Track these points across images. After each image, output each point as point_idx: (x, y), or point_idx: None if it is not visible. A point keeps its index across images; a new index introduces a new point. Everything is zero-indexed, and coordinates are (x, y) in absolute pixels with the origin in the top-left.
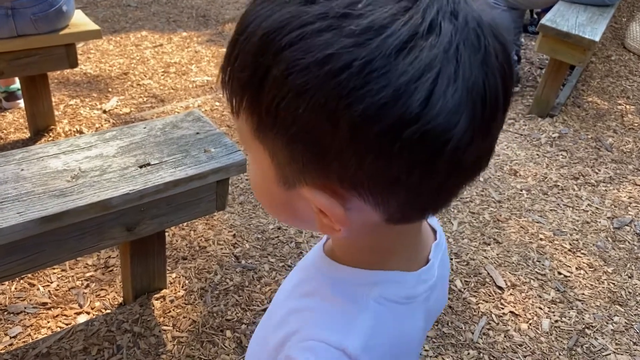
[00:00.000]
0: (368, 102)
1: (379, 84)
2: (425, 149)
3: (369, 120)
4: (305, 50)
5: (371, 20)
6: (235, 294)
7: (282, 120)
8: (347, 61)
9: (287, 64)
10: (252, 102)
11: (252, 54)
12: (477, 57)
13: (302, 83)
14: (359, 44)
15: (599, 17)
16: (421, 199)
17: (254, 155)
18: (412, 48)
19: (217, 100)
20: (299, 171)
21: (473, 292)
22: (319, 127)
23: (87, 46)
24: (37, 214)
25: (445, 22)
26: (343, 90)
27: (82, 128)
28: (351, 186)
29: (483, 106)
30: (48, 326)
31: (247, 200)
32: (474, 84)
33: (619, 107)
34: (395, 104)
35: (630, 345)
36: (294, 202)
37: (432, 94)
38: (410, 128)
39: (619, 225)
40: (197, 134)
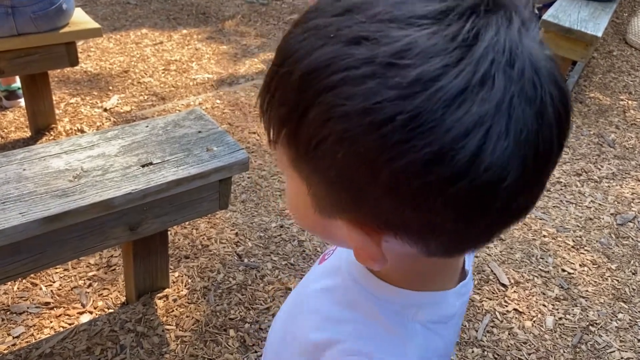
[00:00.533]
0: (411, 158)
1: (424, 140)
2: (471, 202)
3: (410, 175)
4: (347, 97)
5: (419, 73)
6: (238, 293)
7: (320, 160)
8: (390, 114)
9: (327, 108)
10: (289, 137)
11: (292, 91)
12: (531, 110)
13: (342, 130)
14: (404, 96)
15: (600, 12)
16: (463, 242)
17: (290, 180)
18: (462, 103)
19: (217, 98)
20: (334, 208)
21: (477, 290)
22: (357, 174)
23: (87, 44)
24: (40, 214)
25: (500, 73)
26: (385, 143)
27: (83, 126)
28: (388, 228)
29: (535, 158)
30: (51, 326)
31: (249, 199)
32: (527, 137)
33: (621, 103)
34: (441, 161)
35: (634, 342)
36: (330, 228)
37: (480, 151)
38: (456, 185)
39: (622, 221)
40: (199, 132)
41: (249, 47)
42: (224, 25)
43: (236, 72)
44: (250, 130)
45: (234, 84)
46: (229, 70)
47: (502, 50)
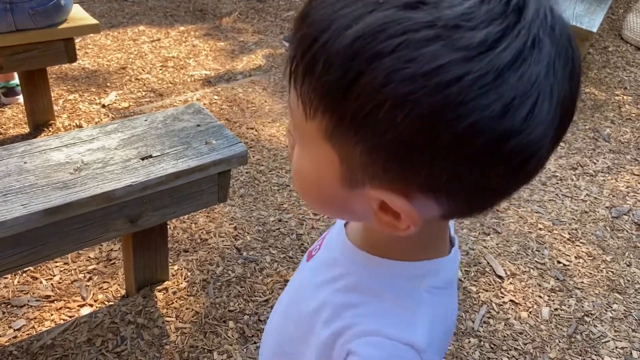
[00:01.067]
0: (476, 116)
1: (489, 98)
2: (518, 159)
3: (473, 134)
4: (410, 60)
5: (485, 34)
6: (237, 286)
7: (371, 127)
8: (458, 74)
9: (386, 72)
10: (333, 106)
11: (341, 57)
12: (567, 71)
13: (405, 93)
14: (471, 57)
15: (596, 8)
16: (485, 201)
17: (314, 153)
18: (522, 63)
19: (215, 94)
20: (375, 175)
21: (473, 282)
22: (415, 137)
23: (84, 41)
24: (41, 206)
25: (546, 37)
26: (451, 103)
27: (81, 123)
28: (431, 191)
29: (565, 117)
30: (52, 319)
31: (248, 193)
32: (564, 97)
33: (617, 98)
34: (503, 118)
35: (629, 332)
36: (350, 201)
37: (534, 109)
38: (512, 141)
39: (617, 214)
40: (197, 126)
41: (247, 43)
42: (221, 22)
43: (233, 69)
44: (248, 125)
45: (231, 80)
46: (227, 66)
47: (545, 15)
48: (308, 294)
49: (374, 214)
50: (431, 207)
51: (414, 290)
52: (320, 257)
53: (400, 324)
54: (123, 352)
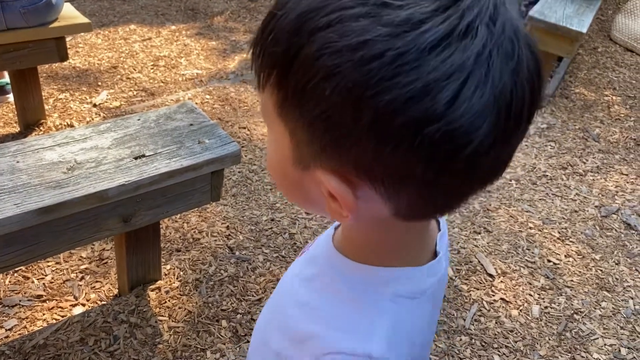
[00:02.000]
0: (395, 94)
1: (409, 77)
2: (444, 148)
3: (393, 112)
4: (341, 34)
5: (410, 13)
6: (230, 285)
7: (308, 101)
8: (380, 50)
9: (320, 45)
10: (280, 79)
11: (287, 31)
12: (508, 65)
13: (333, 66)
14: (395, 34)
15: (585, 9)
16: (432, 199)
17: (274, 132)
18: (446, 47)
19: (207, 94)
20: (316, 153)
21: (464, 280)
22: (342, 112)
23: (75, 40)
24: (34, 205)
25: (482, 26)
26: (372, 78)
27: (72, 122)
28: (365, 174)
29: (507, 114)
30: (44, 318)
31: (240, 193)
32: (502, 91)
33: (606, 98)
34: (422, 99)
35: (617, 330)
36: (305, 184)
37: (459, 94)
38: (433, 125)
39: (606, 213)
40: (190, 125)
41: (238, 43)
42: (213, 21)
43: (225, 68)
44: (240, 125)
45: (223, 79)
46: (218, 66)
47: (486, 6)
48: (289, 288)
49: (326, 200)
50: (373, 198)
51: (377, 296)
52: (308, 254)
53: (356, 333)
54: (116, 352)
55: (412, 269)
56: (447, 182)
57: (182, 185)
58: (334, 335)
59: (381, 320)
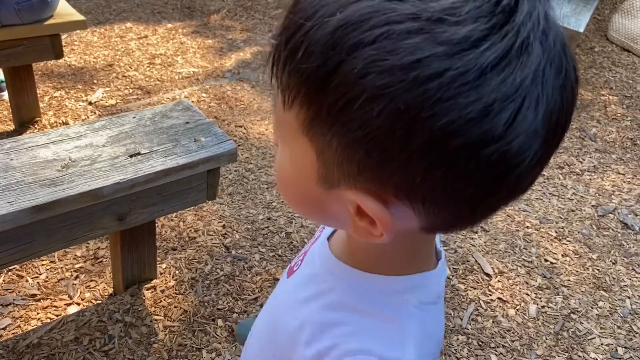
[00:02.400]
0: (454, 116)
1: (469, 98)
2: (498, 168)
3: (450, 134)
4: (390, 51)
5: (469, 30)
6: (226, 284)
7: (347, 122)
8: (438, 70)
9: (365, 63)
10: (311, 97)
11: (322, 45)
12: (558, 81)
13: (382, 86)
14: (453, 53)
15: (582, 8)
16: (471, 214)
17: (292, 148)
18: (506, 66)
19: (203, 92)
20: (350, 175)
21: (461, 280)
22: (390, 134)
23: (70, 38)
24: (28, 204)
25: (537, 42)
26: (429, 99)
27: (67, 120)
28: (406, 196)
29: (555, 130)
30: (38, 317)
31: (236, 191)
32: (553, 108)
33: (603, 98)
34: (482, 120)
35: (614, 329)
36: (327, 202)
37: (517, 115)
38: (491, 147)
39: (603, 213)
40: (186, 123)
41: (235, 41)
42: (209, 20)
43: (222, 67)
44: (236, 123)
45: (219, 78)
46: (215, 64)
47: (537, 19)
48: (289, 312)
49: (350, 218)
50: (408, 216)
51: (401, 305)
52: (302, 272)
53: (389, 343)
54: (111, 351)
55: (428, 274)
56: (492, 201)
57: (178, 183)
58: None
59: (411, 328)
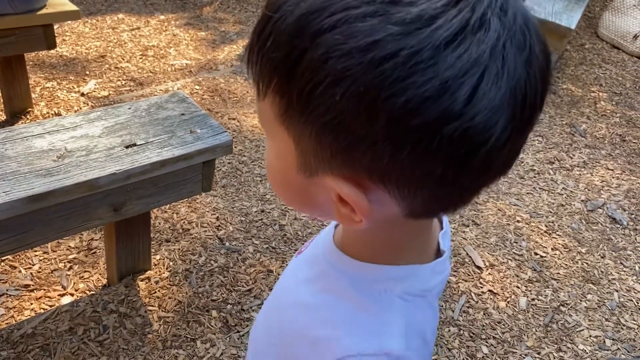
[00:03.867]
0: (411, 94)
1: (425, 76)
2: (463, 146)
3: (410, 113)
4: (348, 35)
5: (422, 9)
6: (220, 275)
7: (315, 107)
8: (393, 50)
9: (327, 48)
10: (282, 85)
11: (287, 35)
12: (522, 56)
13: (342, 69)
14: (407, 32)
15: (574, 5)
16: (448, 196)
17: (274, 139)
18: (461, 42)
19: (196, 84)
20: (325, 160)
21: (453, 272)
22: (354, 117)
23: (62, 28)
24: (24, 193)
25: (494, 17)
26: (386, 79)
27: (60, 111)
28: (379, 179)
29: (523, 107)
30: (31, 308)
31: (230, 184)
32: (517, 83)
33: (592, 94)
34: (440, 98)
35: (602, 322)
36: (311, 190)
37: (476, 90)
38: (452, 124)
39: (592, 207)
40: (182, 115)
41: (228, 33)
42: (202, 12)
43: (215, 59)
44: (230, 116)
45: (212, 70)
46: (208, 56)
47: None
48: (289, 289)
49: (334, 206)
50: (386, 201)
51: (384, 293)
52: (307, 254)
53: (370, 334)
54: (105, 341)
55: (418, 267)
56: (465, 179)
57: (173, 174)
58: (347, 338)
59: (394, 317)
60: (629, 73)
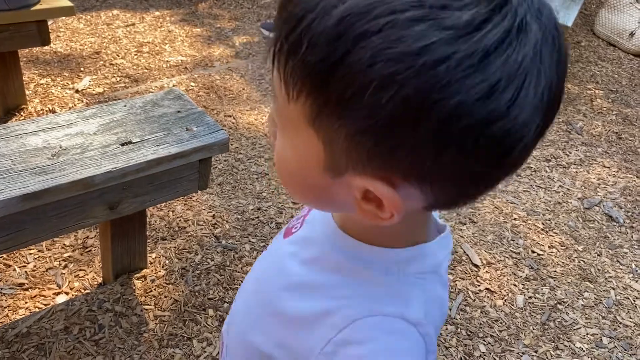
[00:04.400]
0: (462, 97)
1: (475, 79)
2: (503, 145)
3: (458, 116)
4: (397, 40)
5: (472, 14)
6: (217, 274)
7: (355, 112)
8: (445, 54)
9: (373, 52)
10: (317, 89)
11: (326, 37)
12: (554, 58)
13: (391, 73)
14: (458, 37)
15: (571, 2)
16: (473, 191)
17: (295, 139)
18: (508, 46)
19: (192, 81)
20: (359, 162)
21: (450, 270)
22: (401, 121)
23: (56, 24)
24: (18, 192)
25: (533, 21)
26: (438, 83)
27: (54, 107)
28: (416, 179)
29: (553, 104)
30: (26, 307)
31: (226, 181)
32: (551, 84)
33: (589, 92)
34: (487, 99)
35: (599, 320)
36: (332, 189)
37: (520, 92)
38: (496, 124)
39: (589, 205)
40: (178, 112)
41: (223, 30)
42: (198, 8)
43: (210, 55)
44: (226, 113)
45: (208, 67)
46: (203, 53)
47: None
48: (283, 270)
49: (356, 203)
50: (415, 197)
51: (401, 275)
52: (301, 235)
53: (389, 302)
54: (101, 340)
55: (426, 245)
56: (495, 175)
57: (169, 172)
58: (361, 305)
59: (413, 292)
60: (625, 70)
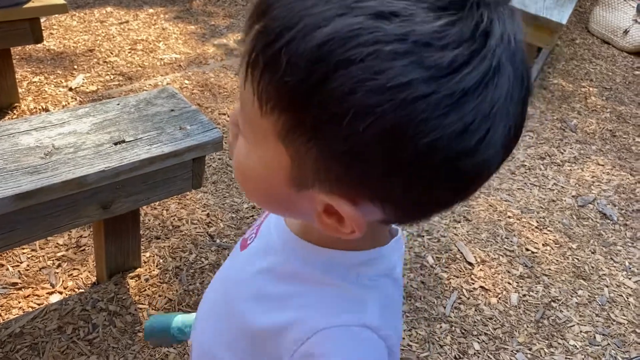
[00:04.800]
0: (438, 134)
1: (451, 118)
2: (470, 177)
3: (433, 150)
4: (379, 72)
5: (455, 55)
6: (211, 273)
7: (330, 136)
8: (426, 92)
9: (354, 81)
10: (292, 108)
11: (307, 58)
12: (521, 95)
13: (371, 104)
14: (438, 77)
15: (565, 0)
16: (435, 212)
17: (261, 148)
18: (484, 88)
19: (186, 79)
20: (326, 181)
21: (444, 268)
22: (375, 149)
23: (49, 22)
24: (11, 191)
25: (507, 63)
26: (415, 118)
27: (47, 106)
28: (381, 201)
29: (515, 139)
30: (19, 306)
31: (220, 180)
32: (516, 121)
33: (583, 90)
34: (461, 137)
35: (593, 317)
36: (295, 200)
37: (489, 131)
38: (466, 160)
39: (583, 203)
40: (171, 111)
41: (218, 27)
42: (192, 5)
43: (204, 53)
44: (220, 111)
45: (202, 64)
46: (197, 50)
47: (507, 40)
48: (243, 282)
49: (317, 215)
50: (376, 213)
51: (357, 277)
52: (256, 245)
53: (347, 309)
54: (95, 340)
55: (380, 249)
56: (457, 201)
57: (163, 171)
58: (320, 315)
59: (370, 297)
60: (619, 68)
